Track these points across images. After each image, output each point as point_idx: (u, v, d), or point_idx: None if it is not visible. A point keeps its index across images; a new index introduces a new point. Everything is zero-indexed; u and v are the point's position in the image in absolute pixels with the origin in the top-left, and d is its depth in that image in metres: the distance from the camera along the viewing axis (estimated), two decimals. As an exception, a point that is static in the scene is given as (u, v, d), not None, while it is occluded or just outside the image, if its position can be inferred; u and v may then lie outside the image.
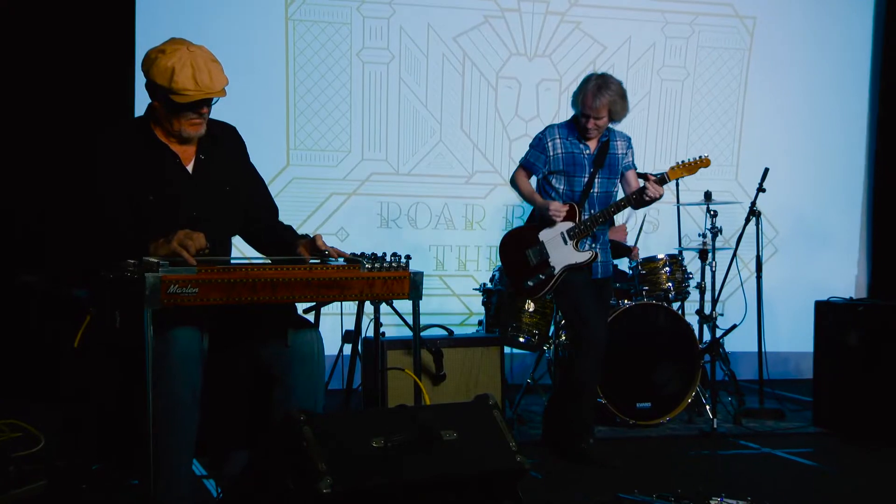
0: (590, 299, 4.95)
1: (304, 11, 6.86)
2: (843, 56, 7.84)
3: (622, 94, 4.90)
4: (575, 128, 5.00)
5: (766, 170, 6.08)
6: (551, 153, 4.99)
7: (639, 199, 4.87)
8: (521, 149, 7.16)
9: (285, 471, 3.17)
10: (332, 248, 3.62)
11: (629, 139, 5.13)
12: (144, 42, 6.28)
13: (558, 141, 4.99)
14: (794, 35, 7.74)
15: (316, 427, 3.17)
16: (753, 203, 6.11)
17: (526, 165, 5.09)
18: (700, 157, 4.97)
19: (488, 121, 7.23)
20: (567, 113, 5.14)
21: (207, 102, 3.53)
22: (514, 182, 5.15)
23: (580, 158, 4.95)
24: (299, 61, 6.86)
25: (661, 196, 4.84)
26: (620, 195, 5.08)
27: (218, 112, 3.65)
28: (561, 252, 4.95)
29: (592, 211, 4.99)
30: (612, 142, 5.02)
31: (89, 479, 3.79)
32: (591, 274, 5.02)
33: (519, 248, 5.04)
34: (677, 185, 6.80)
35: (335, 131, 6.96)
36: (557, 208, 4.91)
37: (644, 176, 4.95)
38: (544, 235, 4.99)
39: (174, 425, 3.30)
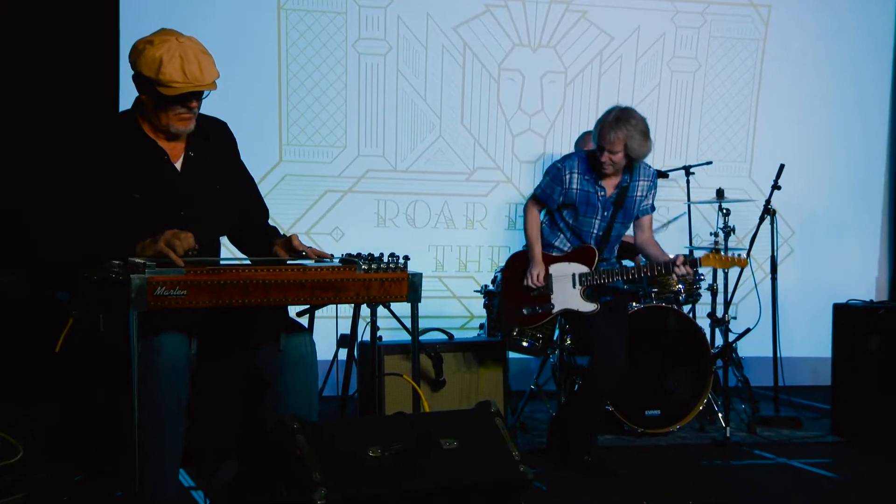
0: (604, 321, 4.94)
1: (298, 0, 6.86)
2: (862, 46, 7.84)
3: (643, 132, 4.84)
4: (592, 164, 4.97)
5: (782, 166, 6.08)
6: (566, 185, 4.98)
7: (666, 273, 4.90)
8: (525, 144, 7.23)
9: (278, 481, 3.18)
10: (310, 248, 3.62)
11: (654, 177, 5.07)
12: (129, 32, 6.28)
13: (576, 176, 4.98)
14: (812, 24, 7.74)
15: (310, 435, 3.17)
16: (768, 201, 6.11)
17: (542, 197, 5.08)
18: (739, 255, 5.01)
19: (490, 115, 7.23)
20: (571, 105, 5.13)
21: (197, 96, 3.53)
22: (525, 215, 5.14)
23: (594, 199, 4.96)
24: (292, 52, 6.86)
25: (684, 275, 4.90)
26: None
27: (207, 106, 3.65)
28: (566, 293, 4.96)
29: (606, 256, 5.01)
30: (633, 183, 4.99)
31: (71, 492, 3.78)
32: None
33: (522, 271, 5.06)
34: (688, 182, 6.82)
35: (330, 126, 6.96)
36: (537, 278, 4.95)
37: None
38: (555, 270, 5.00)
39: (160, 434, 3.30)
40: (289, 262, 3.58)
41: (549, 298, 4.98)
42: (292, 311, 3.71)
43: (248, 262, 3.66)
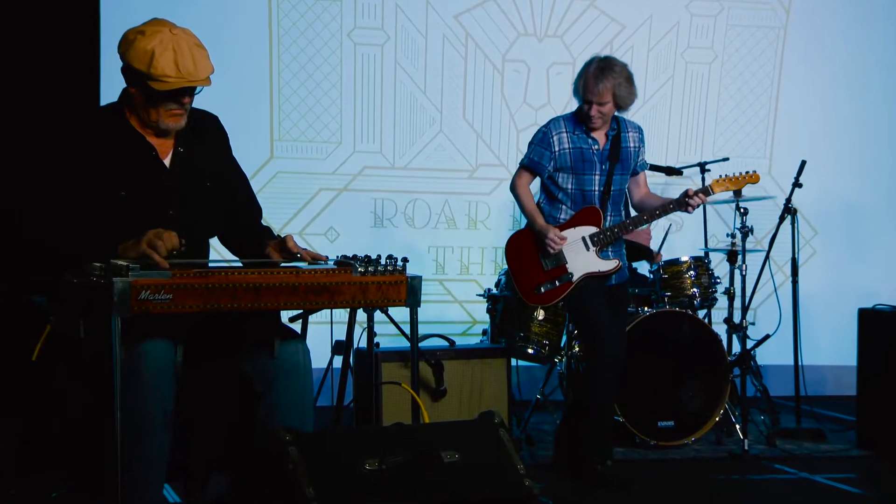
0: (604, 309, 4.95)
1: (290, -13, 6.89)
2: (890, 35, 7.83)
3: (628, 78, 4.90)
4: (581, 120, 5.00)
5: (803, 162, 6.08)
6: (556, 148, 4.99)
7: (680, 208, 4.91)
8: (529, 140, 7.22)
9: (270, 495, 3.18)
10: (305, 250, 3.63)
11: (641, 130, 5.14)
12: (111, 20, 6.30)
13: (564, 135, 5.00)
14: (837, 10, 7.73)
15: (303, 447, 3.18)
16: (789, 199, 6.12)
17: (530, 166, 5.07)
18: (748, 171, 4.99)
19: (493, 109, 7.24)
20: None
21: (190, 92, 3.52)
22: (514, 189, 5.13)
23: (588, 154, 4.96)
24: (284, 42, 6.88)
25: (698, 206, 4.90)
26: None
27: (202, 101, 3.65)
28: (581, 258, 4.96)
29: (612, 212, 5.00)
30: (623, 133, 5.03)
31: (49, 508, 3.79)
32: (605, 280, 5.03)
33: (530, 249, 5.05)
34: (703, 180, 6.81)
35: (324, 120, 6.97)
36: (555, 238, 4.92)
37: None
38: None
39: (144, 447, 3.30)
40: (282, 264, 3.59)
41: (565, 268, 4.97)
42: (285, 316, 3.72)
43: (239, 264, 3.67)
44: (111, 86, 3.68)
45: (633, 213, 5.38)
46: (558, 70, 7.31)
